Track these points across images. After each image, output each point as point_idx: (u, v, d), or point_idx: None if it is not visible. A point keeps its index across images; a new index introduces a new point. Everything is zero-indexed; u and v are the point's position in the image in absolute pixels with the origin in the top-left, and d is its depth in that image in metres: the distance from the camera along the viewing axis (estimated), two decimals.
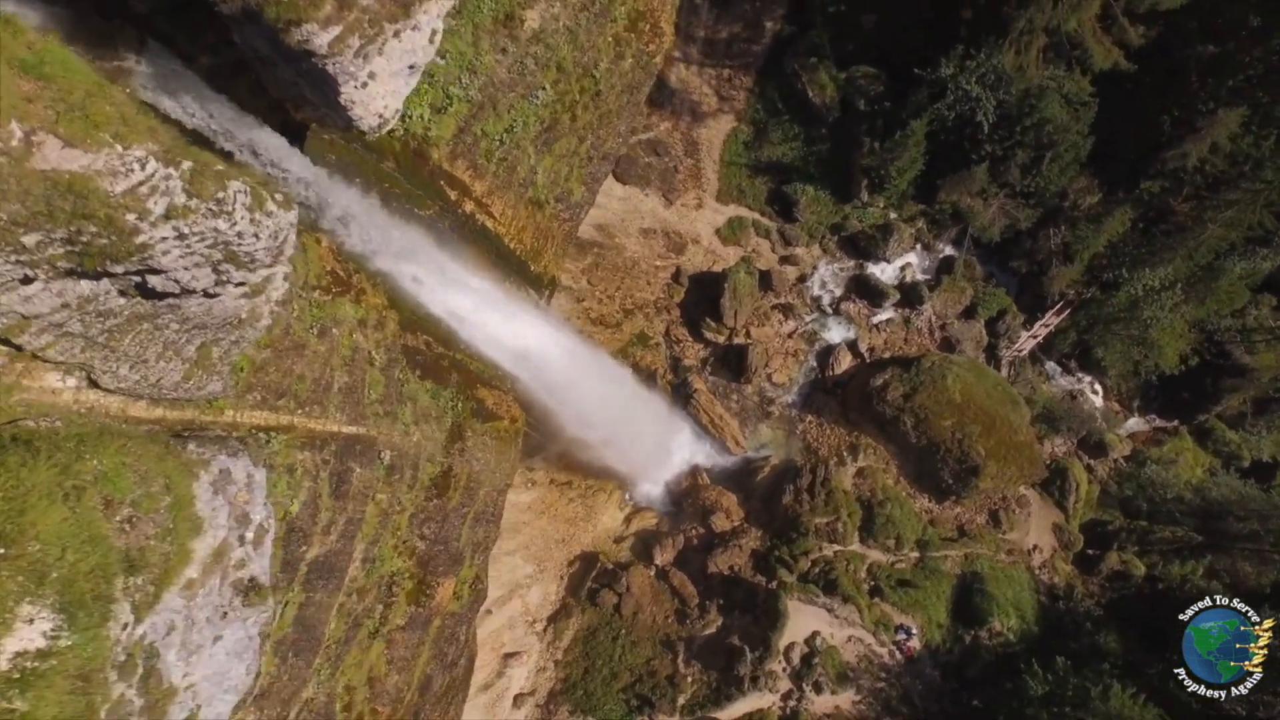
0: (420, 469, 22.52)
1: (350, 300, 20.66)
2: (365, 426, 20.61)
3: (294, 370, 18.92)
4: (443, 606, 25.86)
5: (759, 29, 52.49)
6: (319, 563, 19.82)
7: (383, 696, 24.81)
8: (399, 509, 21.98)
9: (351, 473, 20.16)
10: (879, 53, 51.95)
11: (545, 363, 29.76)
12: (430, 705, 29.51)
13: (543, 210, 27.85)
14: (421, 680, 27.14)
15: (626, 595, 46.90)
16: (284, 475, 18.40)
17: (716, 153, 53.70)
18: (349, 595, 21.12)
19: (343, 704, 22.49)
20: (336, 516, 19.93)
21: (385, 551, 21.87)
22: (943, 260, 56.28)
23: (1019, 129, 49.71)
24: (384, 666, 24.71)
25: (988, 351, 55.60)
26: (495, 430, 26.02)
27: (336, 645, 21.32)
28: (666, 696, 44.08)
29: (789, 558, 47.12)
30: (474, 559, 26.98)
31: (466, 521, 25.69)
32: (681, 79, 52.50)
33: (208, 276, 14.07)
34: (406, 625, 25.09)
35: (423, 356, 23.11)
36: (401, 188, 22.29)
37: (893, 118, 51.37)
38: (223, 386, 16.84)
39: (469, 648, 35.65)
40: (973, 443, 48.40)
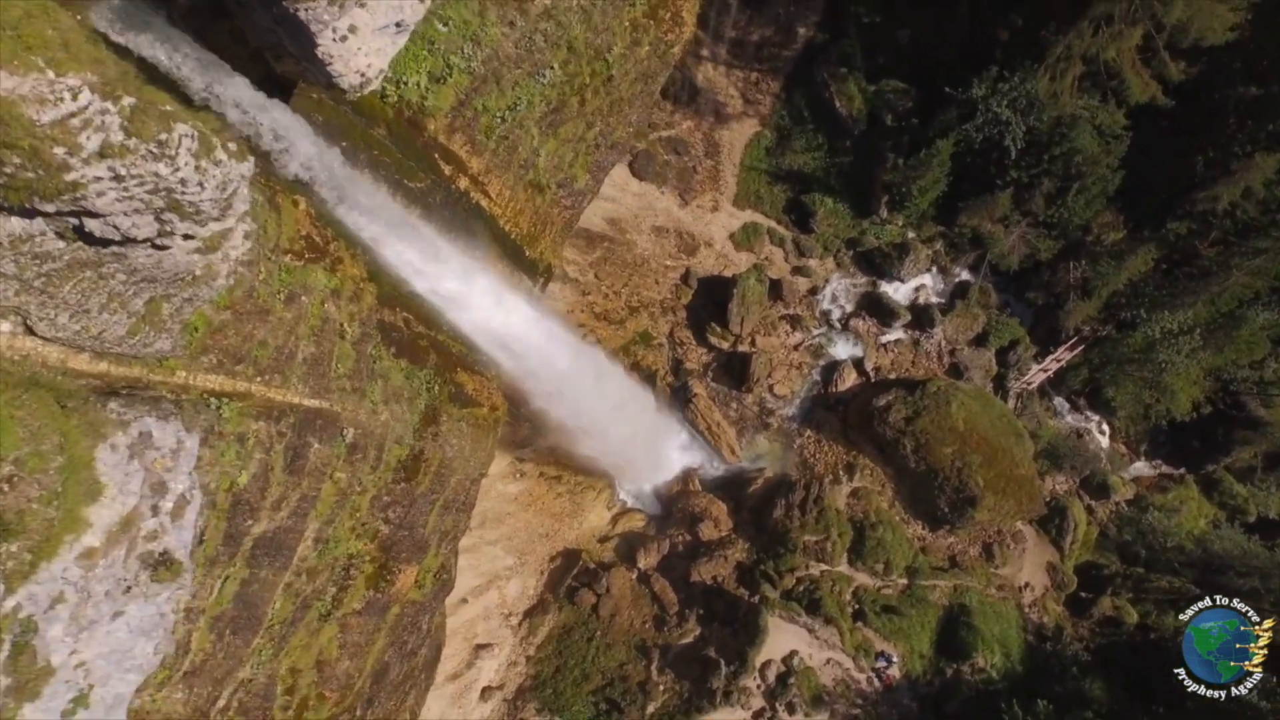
0: (386, 450, 21.40)
1: (324, 268, 19.54)
2: (329, 401, 19.51)
3: (255, 336, 17.83)
4: (402, 594, 24.75)
5: (791, 34, 51.18)
6: (266, 539, 18.73)
7: (332, 681, 23.72)
8: (359, 490, 20.85)
9: (309, 448, 19.05)
10: (910, 68, 50.53)
11: (535, 352, 28.61)
12: (386, 693, 28.43)
13: (543, 195, 26.70)
14: (376, 667, 26.03)
15: (606, 596, 45.69)
16: (233, 444, 17.30)
17: (737, 156, 52.42)
18: (298, 575, 20.03)
19: (285, 686, 21.41)
20: (289, 492, 18.82)
21: (341, 533, 20.76)
22: (958, 285, 54.75)
23: (1047, 157, 48.18)
24: (335, 651, 23.63)
25: (996, 381, 54.01)
26: (473, 417, 24.88)
27: (281, 626, 20.23)
28: (636, 703, 42.85)
29: (774, 573, 45.78)
30: (440, 548, 25.86)
31: (434, 508, 24.56)
32: (708, 78, 51.25)
33: (150, 225, 12.99)
34: (363, 610, 23.99)
35: (400, 334, 21.98)
36: (392, 156, 21.19)
37: (919, 135, 49.94)
38: (172, 345, 15.77)
39: (435, 637, 34.56)
40: (972, 473, 46.87)
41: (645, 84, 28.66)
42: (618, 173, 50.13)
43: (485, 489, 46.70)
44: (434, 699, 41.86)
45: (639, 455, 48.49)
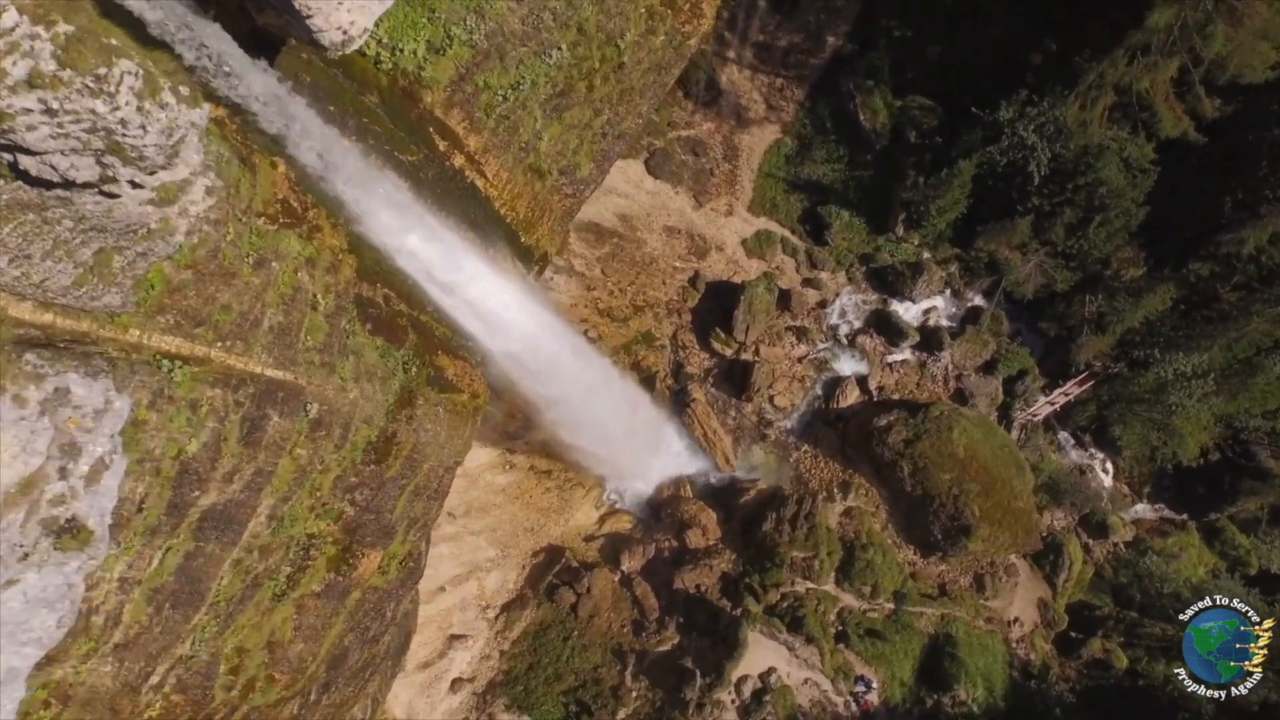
0: (354, 429, 20.39)
1: (300, 235, 18.55)
2: (294, 373, 18.52)
3: (218, 299, 16.86)
4: (365, 579, 23.74)
5: (820, 42, 50.02)
6: (215, 512, 17.75)
7: (283, 664, 22.72)
8: (321, 468, 19.85)
9: (268, 420, 18.06)
10: (938, 85, 49.24)
11: (526, 342, 27.56)
12: (344, 679, 27.40)
13: (543, 180, 25.66)
14: (333, 652, 25.02)
15: (586, 596, 44.59)
16: (184, 410, 16.33)
17: (756, 162, 51.24)
18: (248, 552, 19.04)
19: (230, 665, 20.42)
20: (243, 465, 17.84)
21: (298, 511, 19.76)
22: (970, 309, 53.38)
23: (1071, 187, 46.78)
24: (289, 632, 22.63)
25: (1001, 411, 52.57)
26: (451, 403, 23.86)
27: (228, 603, 19.25)
28: (607, 708, 41.73)
29: (759, 587, 44.57)
30: (408, 535, 24.84)
31: (404, 494, 23.54)
32: (732, 81, 50.14)
33: (90, 168, 12.03)
34: (322, 593, 22.98)
35: (378, 311, 20.98)
36: (383, 126, 20.20)
37: (942, 154, 48.63)
38: (123, 301, 14.81)
39: (403, 625, 33.54)
40: (969, 501, 45.52)
41: (658, 75, 27.61)
42: (632, 169, 49.20)
43: (473, 478, 45.93)
44: (402, 687, 40.92)
45: (631, 456, 47.35)
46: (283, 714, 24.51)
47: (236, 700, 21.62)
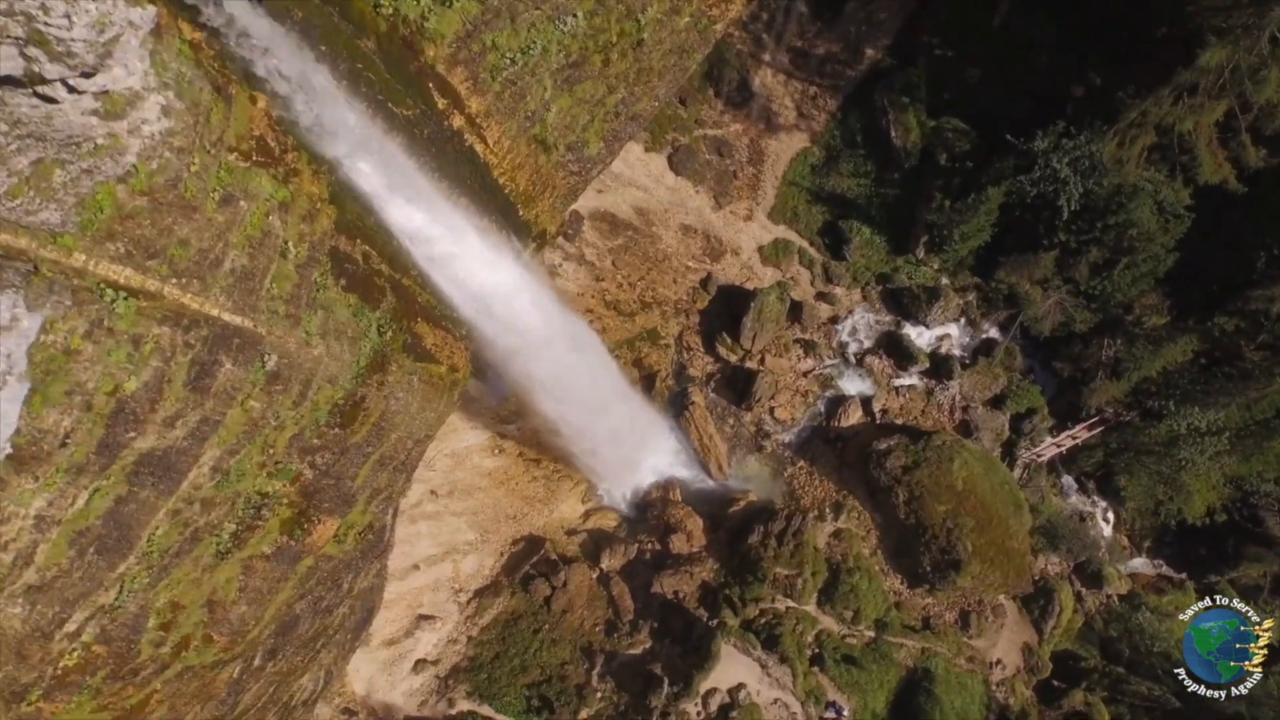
0: (315, 388, 19.17)
1: (274, 177, 17.34)
2: (253, 321, 17.33)
3: (175, 232, 15.67)
4: (318, 546, 22.55)
5: (858, 54, 48.53)
6: (153, 457, 16.57)
7: (223, 624, 21.57)
8: (275, 424, 18.65)
9: (219, 367, 16.87)
10: (975, 109, 47.60)
11: (518, 321, 26.30)
12: (294, 648, 26.26)
13: (548, 154, 24.40)
14: (281, 618, 23.87)
15: (561, 590, 43.26)
16: (125, 345, 15.15)
17: (781, 168, 49.80)
18: (188, 503, 17.85)
19: (161, 620, 19.27)
20: (187, 411, 16.65)
21: (247, 466, 18.57)
22: (983, 341, 51.67)
23: (1100, 225, 45.05)
24: (233, 593, 21.47)
25: (1005, 447, 50.79)
26: (427, 373, 22.63)
27: (163, 555, 18.07)
28: (570, 706, 40.38)
29: (738, 600, 43.11)
30: (370, 505, 23.62)
31: (368, 462, 22.33)
32: (765, 84, 48.74)
33: (13, 59, 10.88)
34: (272, 555, 21.81)
35: (354, 267, 19.76)
36: (378, 74, 19.00)
37: (971, 180, 47.02)
38: (62, 219, 13.64)
39: (366, 599, 32.40)
40: (963, 535, 43.86)
41: (679, 58, 26.27)
42: (654, 163, 47.93)
43: (461, 459, 44.77)
44: (364, 661, 39.80)
45: (623, 454, 45.99)
46: (221, 676, 23.40)
47: (168, 658, 20.46)
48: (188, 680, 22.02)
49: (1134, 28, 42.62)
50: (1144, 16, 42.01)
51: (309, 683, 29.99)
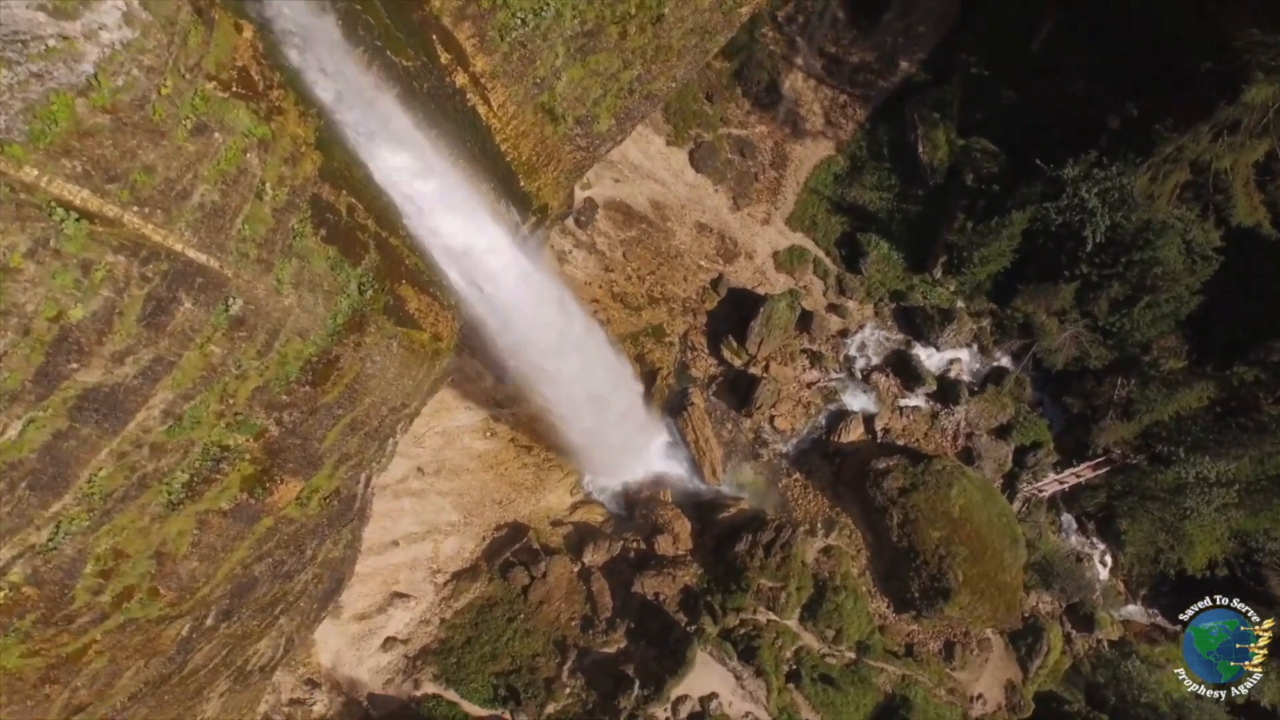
0: (283, 339, 18.07)
1: (254, 112, 16.27)
2: (220, 261, 16.26)
3: (140, 156, 14.62)
4: (279, 507, 21.42)
5: (892, 65, 47.21)
6: (99, 393, 15.50)
7: (171, 578, 20.46)
8: (237, 373, 17.55)
9: (178, 305, 15.79)
10: (1006, 132, 46.12)
11: (511, 297, 25.11)
12: (250, 611, 25.13)
13: (556, 125, 23.23)
14: (237, 579, 22.76)
15: (540, 581, 42.10)
16: (72, 269, 14.09)
17: (803, 175, 48.48)
18: (136, 446, 16.78)
19: (100, 567, 18.19)
20: (139, 348, 15.57)
21: (203, 415, 17.47)
22: (994, 369, 50.09)
23: (1124, 260, 43.45)
24: (185, 547, 20.36)
25: (1006, 479, 49.16)
26: (408, 339, 21.50)
27: (105, 498, 16.99)
28: (537, 699, 39.19)
29: (719, 608, 41.78)
30: (337, 470, 22.50)
31: (338, 425, 21.23)
32: (795, 88, 47.46)
33: None
34: (230, 512, 20.70)
35: (337, 219, 18.65)
36: (378, 19, 17.92)
37: (996, 203, 45.53)
38: (7, 125, 12.61)
39: (335, 569, 31.21)
40: (955, 564, 42.37)
41: (701, 39, 25.02)
42: (675, 157, 46.75)
43: (451, 438, 43.69)
44: (333, 634, 38.78)
45: (617, 450, 44.80)
46: (169, 633, 22.31)
47: (108, 607, 19.39)
48: (130, 633, 20.95)
49: (1177, 61, 41.05)
50: (1188, 50, 40.44)
51: (267, 648, 28.88)
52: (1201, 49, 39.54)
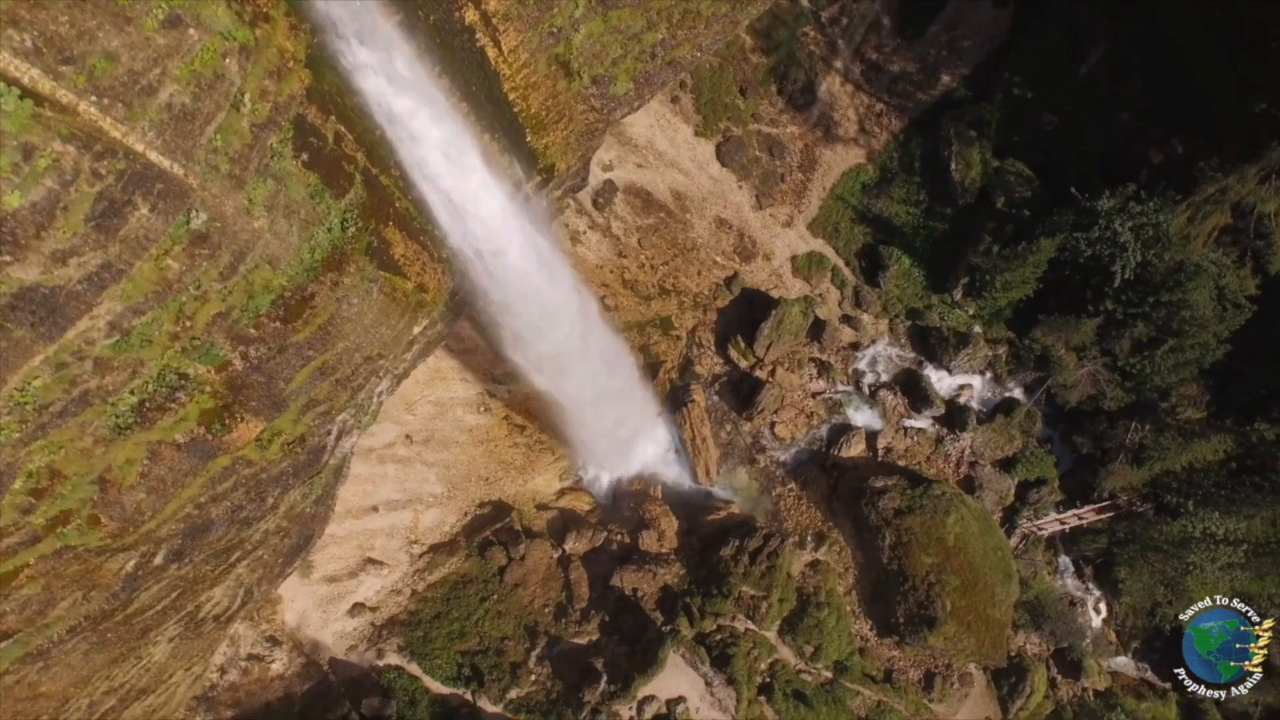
0: (251, 265, 16.76)
1: (235, 14, 14.95)
2: (185, 169, 14.95)
3: (101, 40, 13.33)
4: (236, 446, 20.12)
5: (933, 78, 45.54)
6: (36, 294, 14.20)
7: (114, 508, 19.19)
8: (196, 294, 16.24)
9: (133, 209, 14.49)
10: (1043, 157, 44.38)
11: (507, 260, 23.71)
12: (204, 555, 23.84)
13: (569, 80, 21.83)
14: (189, 518, 21.48)
15: (518, 563, 40.69)
16: (11, 151, 12.82)
17: (830, 180, 46.88)
18: (77, 358, 15.50)
19: (33, 485, 16.96)
20: (85, 250, 14.27)
21: (153, 333, 16.16)
22: (1005, 399, 48.21)
23: (1152, 300, 41.50)
24: (133, 477, 19.10)
25: (1006, 513, 47.24)
26: (390, 286, 20.15)
27: (39, 410, 15.73)
28: (500, 682, 37.75)
29: (697, 610, 40.20)
30: (303, 416, 21.18)
31: (308, 367, 19.90)
32: (831, 92, 45.89)
33: None
34: (185, 446, 19.43)
35: (322, 145, 17.31)
36: None
37: (1025, 228, 43.77)
38: None
39: (305, 527, 29.98)
40: (944, 593, 40.56)
41: (732, 8, 23.54)
42: (701, 148, 45.27)
43: (444, 409, 42.38)
44: (301, 593, 37.56)
45: (612, 439, 43.33)
46: (110, 566, 21.03)
47: (40, 529, 18.13)
48: (67, 561, 19.67)
49: (1229, 100, 39.21)
50: (1242, 90, 38.58)
51: (223, 597, 27.62)
52: (1257, 90, 37.67)
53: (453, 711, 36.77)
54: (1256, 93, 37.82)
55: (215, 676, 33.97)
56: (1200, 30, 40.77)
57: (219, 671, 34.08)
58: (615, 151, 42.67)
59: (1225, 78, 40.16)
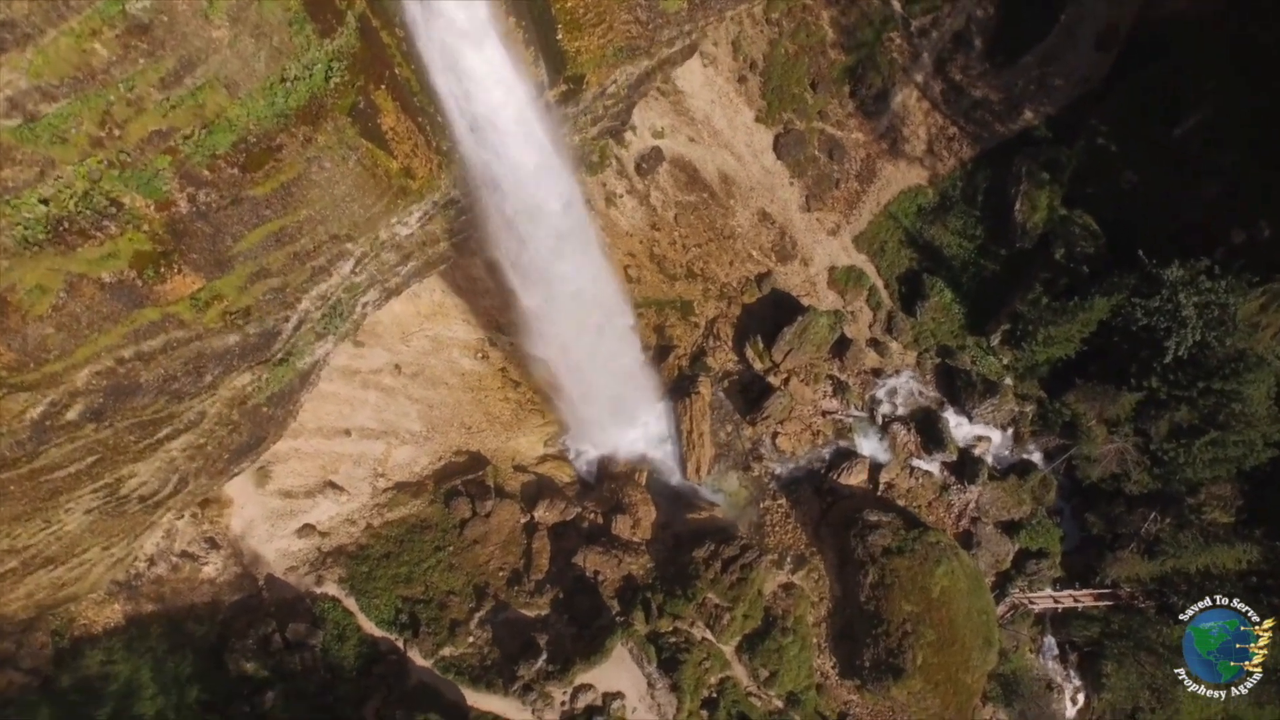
0: (201, 80, 14.18)
1: None
2: None
3: None
4: (168, 299, 17.58)
5: (1015, 111, 42.12)
6: None
7: (14, 336, 16.70)
8: (127, 95, 13.71)
9: None
10: (1115, 214, 40.74)
11: (512, 160, 20.74)
12: (125, 420, 21.19)
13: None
14: (110, 373, 18.98)
15: (482, 519, 37.94)
16: None
17: (886, 196, 43.57)
18: None
19: None
20: None
21: (70, 130, 13.65)
22: (1021, 460, 44.55)
23: (1201, 386, 37.75)
24: (42, 306, 16.62)
25: (1000, 578, 43.51)
26: (371, 159, 17.50)
27: None
28: (436, 636, 34.96)
29: (657, 607, 37.12)
30: (253, 287, 18.55)
31: (262, 228, 17.35)
32: (906, 105, 42.60)
33: None
34: (109, 286, 16.94)
35: None
36: None
37: (1080, 286, 40.14)
38: None
39: (259, 426, 27.42)
40: (917, 645, 37.08)
41: None
42: (759, 136, 42.25)
43: (440, 346, 39.75)
44: (252, 500, 35.09)
45: (606, 415, 40.44)
46: (12, 407, 18.48)
47: None
48: None
49: None
50: None
51: (151, 478, 25.04)
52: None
53: (379, 655, 34.04)
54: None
55: (142, 566, 31.52)
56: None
57: (147, 561, 31.63)
58: (670, 119, 39.80)
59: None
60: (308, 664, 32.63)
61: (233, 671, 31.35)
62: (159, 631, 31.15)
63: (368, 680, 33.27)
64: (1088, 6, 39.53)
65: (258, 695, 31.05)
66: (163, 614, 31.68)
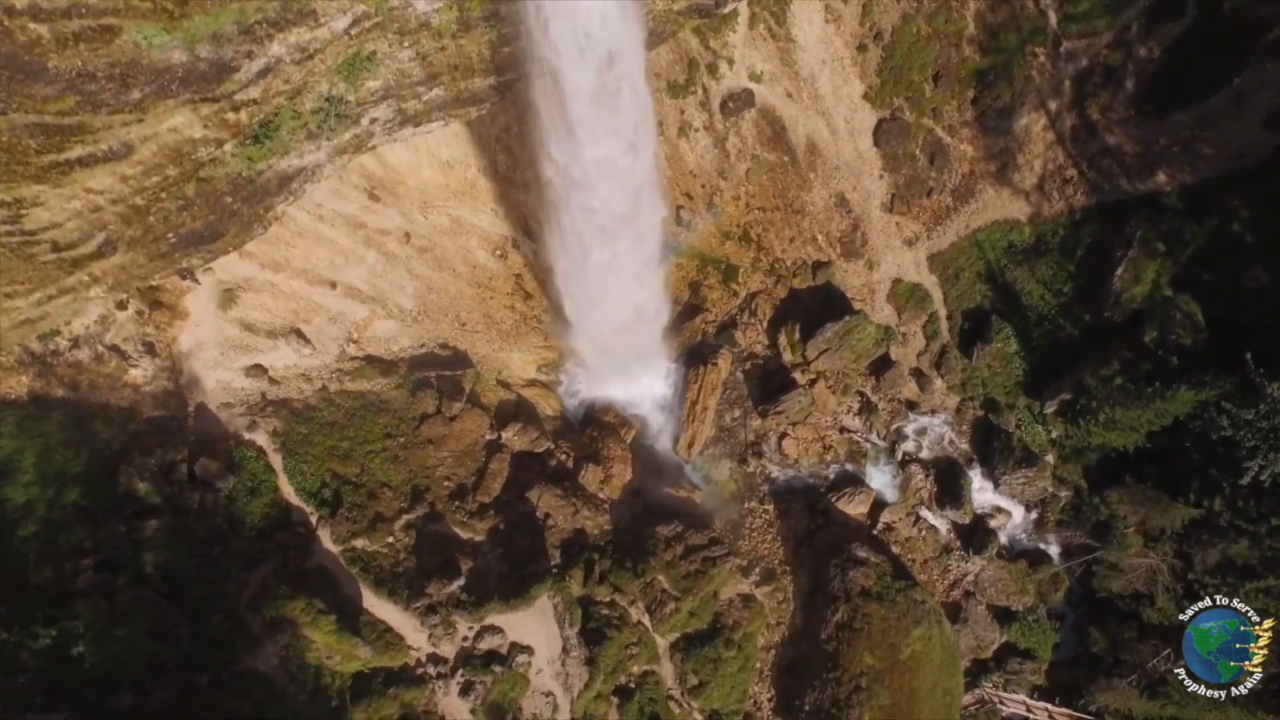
0: None
1: None
2: None
3: None
4: None
5: (1148, 170, 36.24)
6: None
7: None
8: None
9: None
10: (1229, 312, 34.45)
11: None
12: (27, 123, 16.73)
13: None
14: (4, 38, 14.30)
15: (444, 421, 33.18)
16: None
17: (978, 222, 37.87)
18: None
19: None
20: None
21: None
22: (1036, 549, 38.44)
23: (1274, 524, 31.41)
24: None
25: (975, 665, 37.50)
26: None
27: None
28: (354, 524, 30.15)
29: (599, 573, 32.05)
30: None
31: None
32: (1029, 130, 36.92)
33: None
34: None
35: None
36: None
37: (1164, 376, 33.91)
38: None
39: (220, 221, 22.96)
40: (866, 705, 31.45)
41: None
42: (861, 115, 36.84)
43: (460, 229, 35.26)
44: (210, 320, 30.68)
45: (609, 348, 35.52)
46: None
47: None
48: None
49: None
50: None
51: (69, 224, 20.56)
52: None
53: (288, 523, 29.30)
54: None
55: (64, 344, 27.15)
56: None
57: (71, 342, 27.26)
58: (772, 65, 34.68)
59: None
60: (207, 505, 27.96)
61: (123, 486, 26.78)
62: (60, 419, 26.75)
63: (266, 545, 28.50)
64: (1270, 75, 33.49)
65: (139, 519, 26.43)
66: (71, 403, 27.22)
